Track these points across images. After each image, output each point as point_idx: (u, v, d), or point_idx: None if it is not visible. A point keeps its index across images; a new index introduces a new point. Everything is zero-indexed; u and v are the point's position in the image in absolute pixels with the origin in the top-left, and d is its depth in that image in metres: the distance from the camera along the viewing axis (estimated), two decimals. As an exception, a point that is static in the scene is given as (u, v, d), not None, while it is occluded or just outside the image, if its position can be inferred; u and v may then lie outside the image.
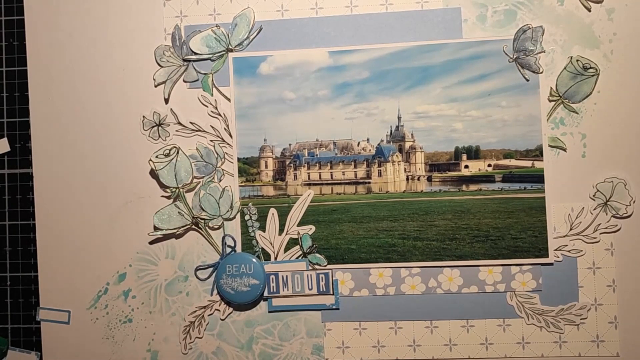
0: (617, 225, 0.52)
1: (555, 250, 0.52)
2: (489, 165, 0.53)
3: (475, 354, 0.54)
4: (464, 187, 0.54)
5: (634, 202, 0.52)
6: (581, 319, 0.53)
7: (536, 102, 0.52)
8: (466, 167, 0.53)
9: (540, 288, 0.53)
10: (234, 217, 0.55)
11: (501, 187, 0.53)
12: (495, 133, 0.52)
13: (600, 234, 0.52)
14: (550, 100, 0.52)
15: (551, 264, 0.52)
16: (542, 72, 0.52)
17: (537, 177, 0.52)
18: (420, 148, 0.53)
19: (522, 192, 0.53)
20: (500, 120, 0.52)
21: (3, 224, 0.57)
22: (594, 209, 0.52)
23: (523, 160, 0.52)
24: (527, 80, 0.52)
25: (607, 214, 0.52)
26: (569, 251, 0.52)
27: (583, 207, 0.52)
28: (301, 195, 0.55)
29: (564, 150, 0.52)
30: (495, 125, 0.52)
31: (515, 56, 0.52)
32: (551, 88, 0.52)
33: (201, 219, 0.54)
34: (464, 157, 0.53)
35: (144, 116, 0.55)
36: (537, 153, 0.52)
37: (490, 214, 0.53)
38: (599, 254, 0.52)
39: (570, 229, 0.52)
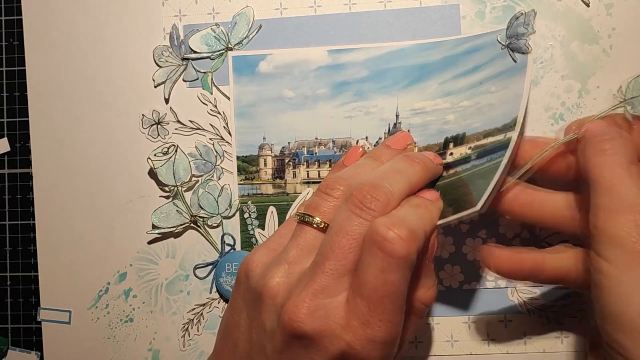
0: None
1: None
2: (469, 148, 0.51)
3: (477, 350, 0.53)
4: (444, 174, 0.52)
5: (634, 195, 0.51)
6: (583, 314, 0.52)
7: (522, 80, 0.48)
8: (451, 154, 0.52)
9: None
10: (233, 216, 0.55)
11: (473, 165, 0.49)
12: (480, 117, 0.51)
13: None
14: (615, 98, 0.49)
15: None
16: (530, 52, 0.49)
17: (506, 145, 0.47)
18: (415, 143, 0.53)
19: (488, 161, 0.48)
20: (488, 104, 0.51)
21: (3, 224, 0.57)
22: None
23: (498, 136, 0.50)
24: (516, 62, 0.50)
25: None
26: (569, 246, 0.52)
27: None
28: (300, 193, 0.55)
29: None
30: (482, 110, 0.51)
31: (507, 42, 0.51)
32: (620, 87, 0.49)
33: (200, 217, 0.54)
34: (451, 145, 0.52)
35: (143, 114, 0.55)
36: (511, 124, 0.47)
37: (456, 189, 0.48)
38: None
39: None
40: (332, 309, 0.38)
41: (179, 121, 0.55)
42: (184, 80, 0.55)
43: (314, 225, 0.42)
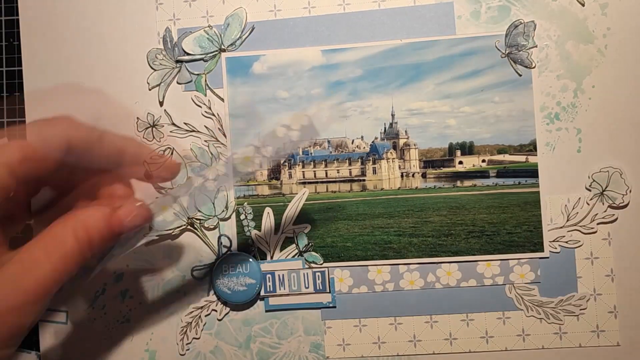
0: (613, 214, 0.52)
1: (553, 241, 0.52)
2: (483, 161, 0.53)
3: (476, 347, 0.53)
4: (458, 183, 0.54)
5: (630, 191, 0.51)
6: (581, 310, 0.52)
7: (529, 97, 0.52)
8: (460, 163, 0.53)
9: (539, 280, 0.52)
10: (230, 217, 0.55)
11: (495, 183, 0.53)
12: (488, 129, 0.52)
13: (597, 224, 0.52)
14: None
15: (547, 257, 0.52)
16: (534, 67, 0.52)
17: (532, 172, 0.52)
18: (415, 145, 0.53)
19: (516, 187, 0.53)
20: (494, 115, 0.52)
21: (2, 224, 0.57)
22: (590, 199, 0.52)
23: (517, 156, 0.52)
24: (520, 75, 0.52)
25: (603, 203, 0.52)
26: (566, 242, 0.52)
27: (579, 198, 0.52)
28: (296, 194, 0.55)
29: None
30: (489, 121, 0.52)
31: (507, 51, 0.52)
32: None
33: (197, 219, 0.54)
34: (458, 153, 0.53)
35: (137, 117, 0.55)
36: (530, 148, 0.52)
37: (485, 209, 0.53)
38: (597, 244, 0.52)
39: (567, 220, 0.52)
40: None
41: (173, 124, 0.55)
42: (178, 83, 0.55)
43: None
